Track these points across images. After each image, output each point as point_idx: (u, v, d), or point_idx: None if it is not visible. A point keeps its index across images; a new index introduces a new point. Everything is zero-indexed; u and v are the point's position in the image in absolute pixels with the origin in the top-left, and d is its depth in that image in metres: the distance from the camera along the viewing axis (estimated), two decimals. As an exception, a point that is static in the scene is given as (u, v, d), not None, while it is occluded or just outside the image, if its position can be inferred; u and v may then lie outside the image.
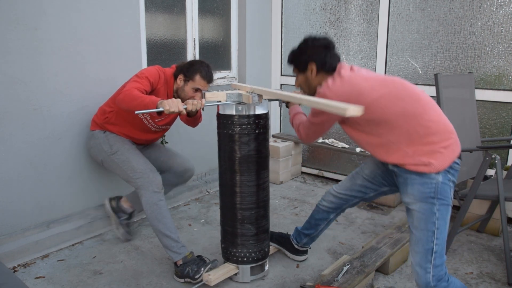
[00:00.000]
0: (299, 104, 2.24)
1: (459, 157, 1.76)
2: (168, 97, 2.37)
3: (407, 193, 1.76)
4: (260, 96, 2.02)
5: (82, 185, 2.69)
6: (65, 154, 2.56)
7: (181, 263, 2.20)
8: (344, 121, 1.81)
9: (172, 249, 2.22)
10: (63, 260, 2.43)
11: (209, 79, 2.36)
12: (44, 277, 2.25)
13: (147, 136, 2.51)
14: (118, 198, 2.68)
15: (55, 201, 2.56)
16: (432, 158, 1.66)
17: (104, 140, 2.40)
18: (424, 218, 1.70)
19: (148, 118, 2.41)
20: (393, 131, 1.69)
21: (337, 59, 1.86)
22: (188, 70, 2.33)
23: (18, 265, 2.35)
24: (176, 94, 2.39)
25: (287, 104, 2.27)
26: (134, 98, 2.05)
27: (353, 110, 1.40)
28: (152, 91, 2.30)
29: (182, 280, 2.21)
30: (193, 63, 2.37)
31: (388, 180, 1.99)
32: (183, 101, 2.27)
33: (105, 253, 2.51)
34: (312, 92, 1.92)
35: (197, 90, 2.34)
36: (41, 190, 2.48)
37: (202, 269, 2.14)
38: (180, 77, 2.35)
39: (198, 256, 2.26)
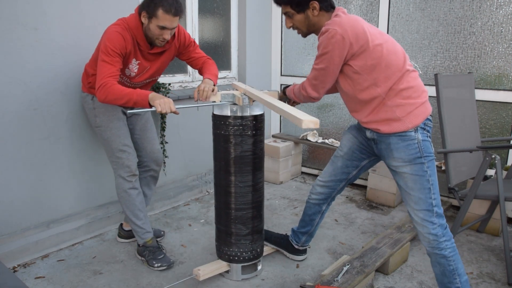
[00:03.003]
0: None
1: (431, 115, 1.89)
2: (141, 48, 2.16)
3: (394, 158, 1.85)
4: (250, 98, 2.02)
5: (82, 185, 2.69)
6: (65, 154, 2.56)
7: (141, 245, 2.40)
8: (343, 69, 1.85)
9: (137, 233, 2.40)
10: (63, 260, 2.43)
11: (174, 11, 2.02)
12: (44, 277, 2.25)
13: None
14: (120, 226, 2.68)
15: (55, 201, 2.56)
16: (406, 112, 1.78)
17: (91, 108, 2.29)
18: (418, 179, 1.80)
19: (126, 80, 2.23)
20: (380, 81, 1.77)
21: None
22: (149, 5, 2.03)
23: (18, 265, 2.35)
24: (146, 35, 2.13)
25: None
26: (119, 97, 1.96)
27: (309, 122, 1.47)
28: (123, 58, 2.10)
29: (142, 258, 2.40)
30: None
31: (366, 152, 2.07)
32: (152, 41, 2.13)
33: (105, 253, 2.51)
34: (309, 32, 1.96)
35: (163, 28, 2.05)
36: (41, 190, 2.48)
37: (156, 264, 2.31)
38: (144, 15, 2.06)
39: (157, 246, 2.39)
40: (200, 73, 2.42)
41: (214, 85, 2.21)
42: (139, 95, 1.95)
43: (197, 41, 3.41)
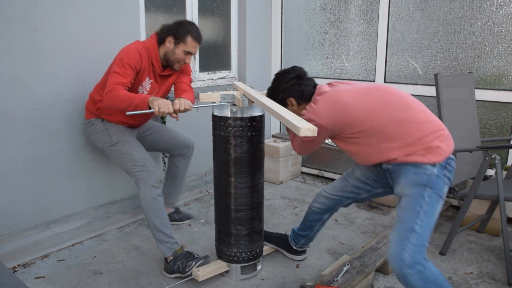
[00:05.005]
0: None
1: (454, 154, 1.76)
2: (155, 70, 2.31)
3: (399, 183, 1.73)
4: (250, 100, 2.01)
5: (82, 185, 2.69)
6: (65, 154, 2.56)
7: (172, 258, 2.23)
8: (335, 136, 1.81)
9: (165, 244, 2.25)
10: (63, 260, 2.43)
11: (199, 39, 2.30)
12: (44, 277, 2.25)
13: (143, 117, 2.45)
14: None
15: (55, 201, 2.56)
16: (427, 153, 1.68)
17: (103, 130, 2.36)
18: (412, 201, 1.66)
19: None
20: (387, 139, 1.70)
21: (312, 83, 1.92)
22: (178, 31, 2.24)
23: (18, 265, 2.35)
24: (164, 59, 2.31)
25: None
26: (123, 100, 2.03)
27: (307, 130, 1.42)
28: (137, 74, 2.23)
29: (172, 276, 2.23)
30: (182, 23, 2.28)
31: (381, 181, 1.98)
32: (172, 64, 2.31)
33: (105, 253, 2.51)
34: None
35: (188, 53, 2.28)
36: (41, 190, 2.48)
37: (193, 262, 2.18)
38: (170, 40, 2.26)
39: (188, 252, 2.28)
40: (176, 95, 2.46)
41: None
42: (140, 98, 2.00)
43: (197, 41, 3.42)
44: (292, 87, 1.90)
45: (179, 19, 2.34)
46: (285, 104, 1.92)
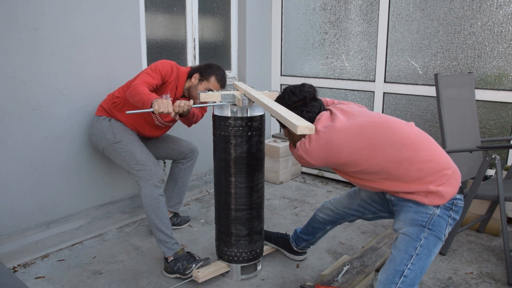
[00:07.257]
0: None
1: (461, 192, 1.69)
2: (176, 92, 2.42)
3: (398, 220, 1.70)
4: (250, 100, 2.01)
5: (82, 185, 2.69)
6: (65, 154, 2.56)
7: (172, 258, 2.23)
8: (336, 168, 1.77)
9: (165, 244, 2.26)
10: (63, 260, 2.43)
11: (222, 83, 2.45)
12: (44, 277, 2.25)
13: (151, 131, 2.52)
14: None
15: (55, 201, 2.56)
16: (429, 194, 1.63)
17: (108, 128, 2.39)
18: (406, 240, 1.62)
19: (156, 117, 2.45)
20: (387, 176, 1.65)
21: (315, 109, 1.80)
22: (205, 70, 2.42)
23: (18, 265, 2.35)
24: (188, 92, 2.45)
25: None
26: (136, 94, 2.10)
27: (304, 128, 1.42)
28: (163, 84, 2.35)
29: (172, 276, 2.24)
30: (210, 65, 2.45)
31: (386, 207, 1.95)
32: (194, 98, 2.42)
33: (105, 253, 2.51)
34: (296, 143, 1.87)
35: (209, 91, 2.38)
36: (41, 190, 2.48)
37: (193, 265, 2.18)
38: (196, 76, 2.42)
39: (188, 253, 2.28)
40: None
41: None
42: (148, 95, 2.05)
43: (197, 41, 3.42)
44: (295, 110, 1.75)
45: (211, 62, 2.50)
46: (285, 126, 1.84)
